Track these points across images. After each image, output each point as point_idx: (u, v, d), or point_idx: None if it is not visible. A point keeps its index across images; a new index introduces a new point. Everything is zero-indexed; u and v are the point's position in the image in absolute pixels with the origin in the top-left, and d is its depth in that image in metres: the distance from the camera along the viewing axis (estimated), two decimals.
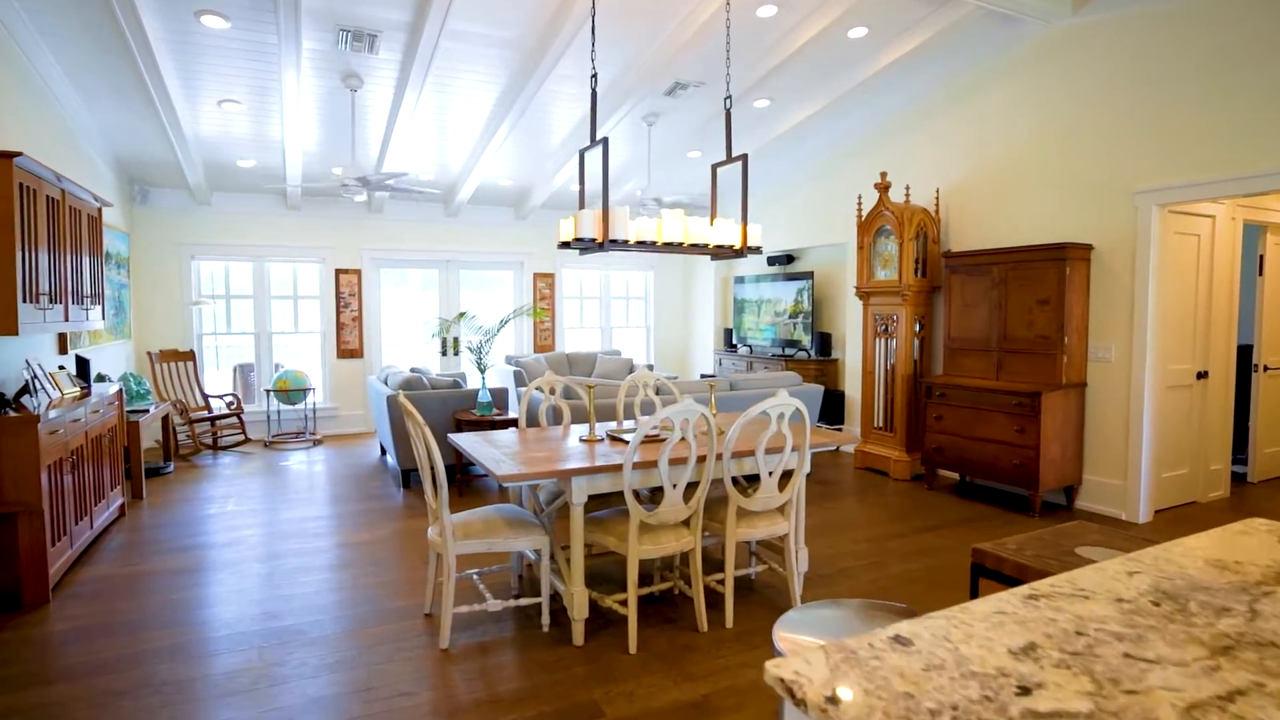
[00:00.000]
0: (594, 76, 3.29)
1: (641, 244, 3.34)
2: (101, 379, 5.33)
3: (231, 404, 7.20)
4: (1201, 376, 5.04)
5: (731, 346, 9.01)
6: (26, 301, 3.48)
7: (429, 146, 6.53)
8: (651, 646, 2.96)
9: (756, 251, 3.75)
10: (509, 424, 5.36)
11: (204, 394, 7.16)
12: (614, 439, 3.42)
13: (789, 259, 8.26)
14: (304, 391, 7.32)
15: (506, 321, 5.92)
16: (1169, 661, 0.97)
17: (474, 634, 3.06)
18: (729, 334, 9.07)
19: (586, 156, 3.42)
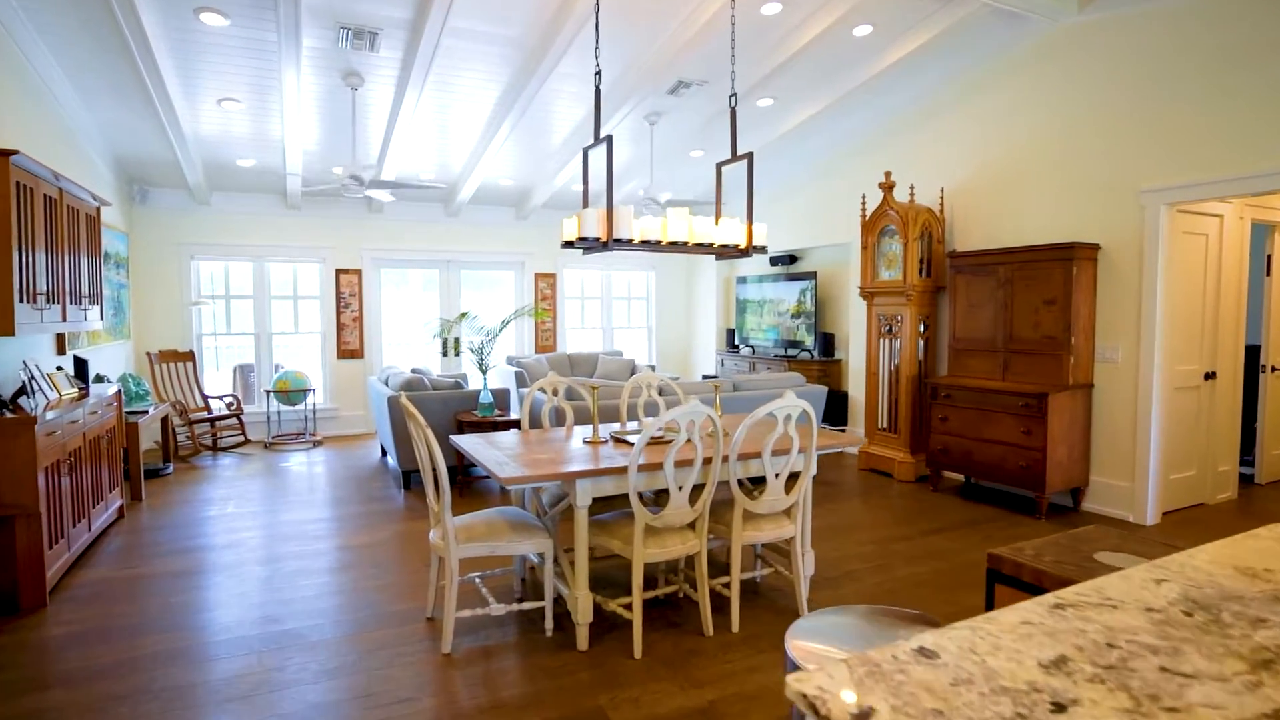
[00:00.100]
0: (598, 73, 3.25)
1: (646, 243, 3.30)
2: (100, 380, 5.29)
3: (231, 405, 7.16)
4: (1209, 377, 4.99)
5: (734, 347, 8.96)
6: (23, 301, 3.44)
7: (430, 146, 6.49)
8: (656, 651, 2.92)
9: (762, 251, 3.71)
10: (510, 425, 5.32)
11: (203, 395, 7.12)
12: (618, 441, 3.38)
13: (791, 259, 8.23)
14: (304, 392, 7.28)
15: (508, 322, 5.88)
16: (1208, 676, 0.93)
17: (476, 638, 3.02)
18: (731, 334, 9.03)
19: (590, 154, 3.37)
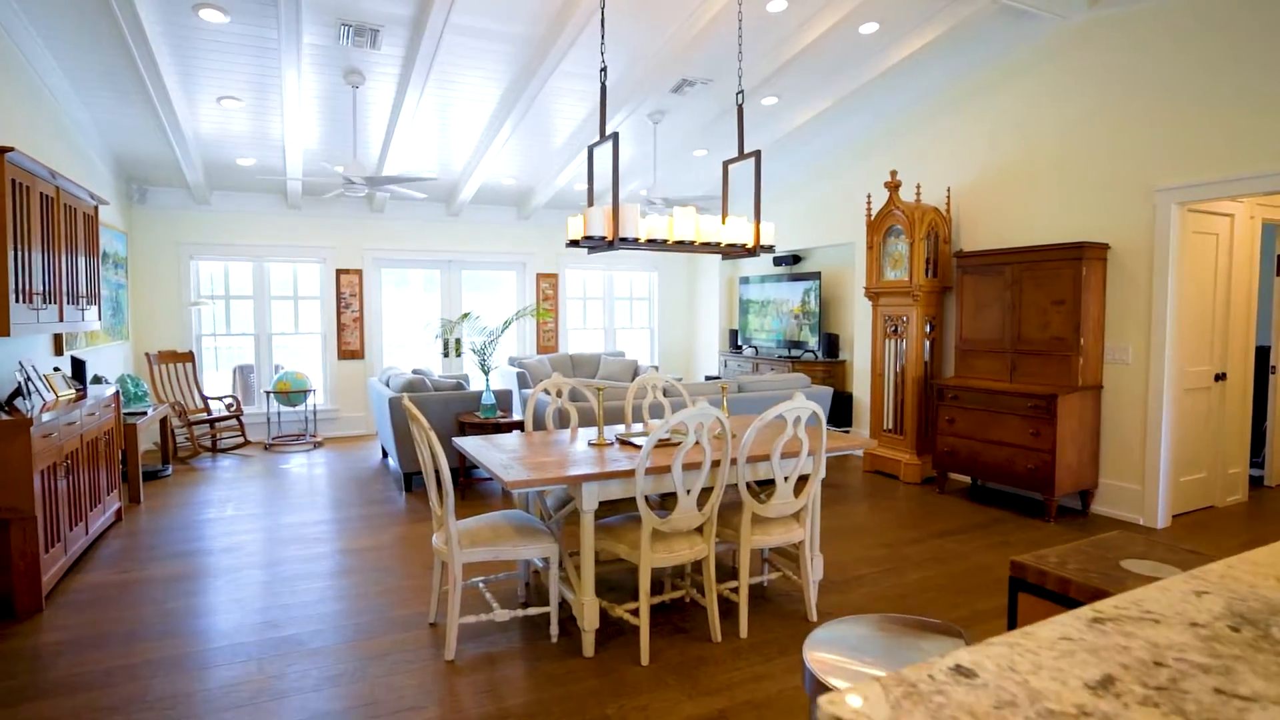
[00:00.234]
0: (603, 70, 3.20)
1: (652, 242, 3.24)
2: (98, 381, 5.23)
3: (231, 406, 7.10)
4: (1220, 378, 4.94)
5: (737, 348, 8.91)
6: (19, 301, 3.38)
7: (431, 145, 6.43)
8: (664, 658, 2.86)
9: (769, 250, 3.65)
10: (513, 426, 5.26)
11: (203, 396, 7.07)
12: (624, 443, 3.32)
13: (795, 259, 8.17)
14: (304, 393, 7.22)
15: (510, 322, 5.83)
16: (1268, 699, 0.87)
17: (480, 645, 2.97)
18: (734, 335, 8.97)
19: (595, 152, 3.32)
